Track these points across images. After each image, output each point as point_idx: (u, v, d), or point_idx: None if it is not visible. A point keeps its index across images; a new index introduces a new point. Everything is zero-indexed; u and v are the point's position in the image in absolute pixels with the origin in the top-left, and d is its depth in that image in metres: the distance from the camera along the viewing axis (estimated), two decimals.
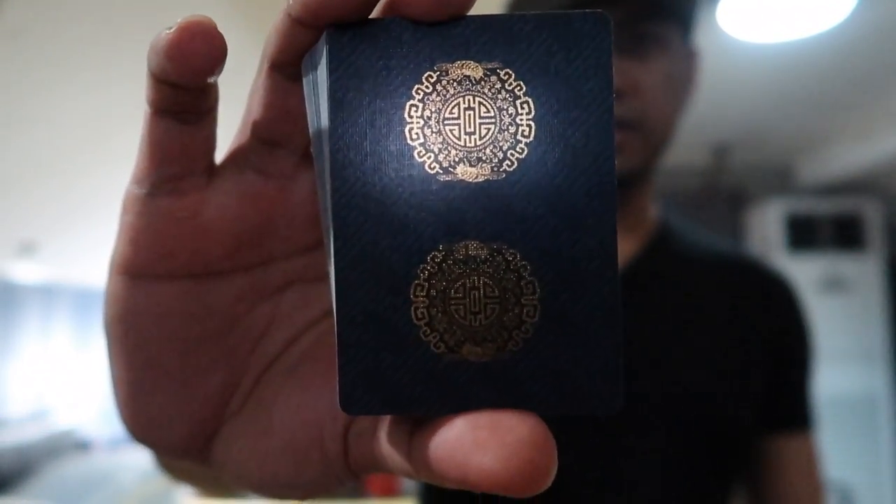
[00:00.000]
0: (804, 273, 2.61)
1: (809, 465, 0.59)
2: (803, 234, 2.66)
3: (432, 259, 0.13)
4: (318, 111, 0.14)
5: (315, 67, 0.14)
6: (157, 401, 0.17)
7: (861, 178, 2.64)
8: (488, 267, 0.13)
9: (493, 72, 0.13)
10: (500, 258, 0.13)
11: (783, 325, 0.59)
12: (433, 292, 0.13)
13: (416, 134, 0.13)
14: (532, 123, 0.13)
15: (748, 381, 0.56)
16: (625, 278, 0.56)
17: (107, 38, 1.66)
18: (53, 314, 5.08)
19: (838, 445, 2.51)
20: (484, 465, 0.12)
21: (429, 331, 0.13)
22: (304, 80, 0.15)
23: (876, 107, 2.22)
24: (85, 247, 3.86)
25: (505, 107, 0.13)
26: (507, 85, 0.13)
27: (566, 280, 0.13)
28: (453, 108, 0.13)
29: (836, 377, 2.56)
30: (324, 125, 0.13)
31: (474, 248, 0.13)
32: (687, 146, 2.59)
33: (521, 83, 0.13)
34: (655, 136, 0.52)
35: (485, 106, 0.13)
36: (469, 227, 0.13)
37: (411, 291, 0.13)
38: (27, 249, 3.70)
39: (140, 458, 3.46)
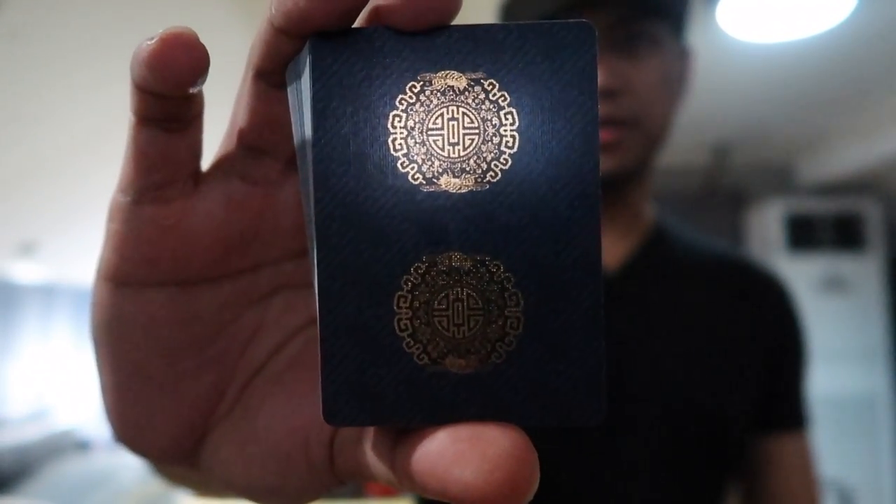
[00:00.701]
0: (804, 273, 2.61)
1: (805, 464, 0.59)
2: (803, 234, 2.65)
3: (416, 270, 0.13)
4: (302, 120, 0.14)
5: (299, 76, 0.14)
6: (143, 407, 0.17)
7: (861, 178, 2.63)
8: (472, 278, 0.13)
9: (477, 82, 0.13)
10: (483, 269, 0.13)
11: (778, 325, 0.60)
12: (416, 303, 0.13)
13: (400, 144, 0.13)
14: (516, 134, 0.13)
15: (743, 381, 0.56)
16: (620, 278, 0.56)
17: (106, 38, 1.66)
18: (53, 314, 5.08)
19: (838, 445, 2.51)
20: (465, 479, 0.12)
21: (412, 342, 0.13)
22: (289, 89, 0.15)
23: (876, 107, 2.22)
24: (85, 247, 3.86)
25: (489, 117, 0.13)
26: (490, 95, 0.13)
27: (549, 291, 0.13)
28: (437, 118, 0.13)
29: (836, 377, 2.56)
30: (307, 135, 0.13)
31: (458, 259, 0.13)
32: (687, 146, 2.59)
33: (506, 93, 0.13)
34: (650, 133, 0.53)
35: (468, 116, 0.13)
36: (453, 239, 0.13)
37: (395, 302, 0.13)
38: (27, 249, 3.71)
39: (140, 459, 3.45)
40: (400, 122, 0.13)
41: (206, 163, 0.17)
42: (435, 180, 0.13)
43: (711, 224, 2.84)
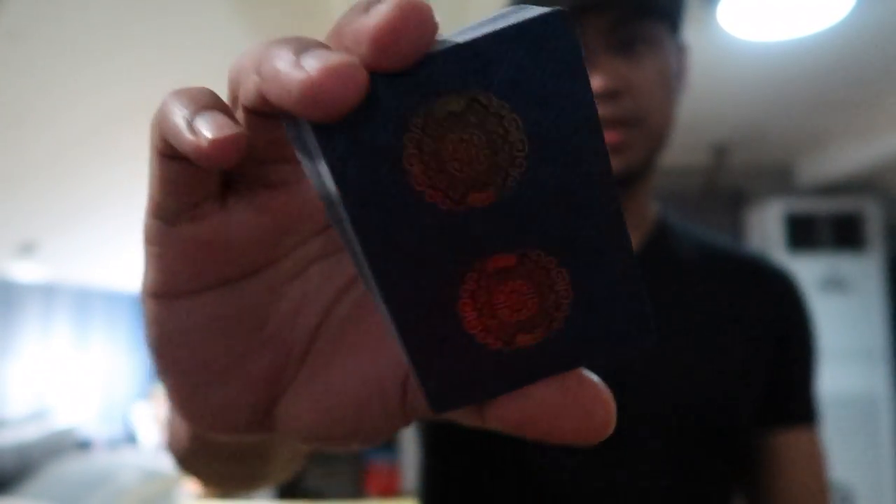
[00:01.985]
0: (804, 273, 2.62)
1: (813, 459, 0.59)
2: (803, 234, 2.66)
3: (469, 279, 0.14)
4: (321, 178, 0.14)
5: (304, 144, 0.14)
6: (214, 397, 0.19)
7: (861, 178, 2.64)
8: (521, 272, 0.14)
9: (474, 100, 0.13)
10: (528, 260, 0.14)
11: (786, 319, 0.60)
12: (479, 304, 0.14)
13: (421, 180, 0.13)
14: (524, 137, 0.13)
15: (750, 375, 0.56)
16: None
17: (106, 38, 1.66)
18: (53, 314, 5.09)
19: (838, 445, 2.51)
20: (565, 424, 0.15)
21: (486, 335, 0.15)
22: (293, 143, 0.15)
23: (876, 107, 2.23)
24: (85, 247, 3.87)
25: (494, 129, 0.13)
26: (490, 109, 0.13)
27: (587, 257, 0.14)
28: (447, 144, 0.13)
29: (836, 376, 2.56)
30: (333, 195, 0.14)
31: (503, 259, 0.14)
32: (687, 146, 2.60)
33: (504, 102, 0.13)
34: (653, 132, 0.54)
35: (476, 134, 0.13)
36: (496, 244, 0.14)
37: (459, 309, 0.15)
38: (27, 249, 3.71)
39: (140, 458, 3.46)
40: (416, 159, 0.13)
41: None
42: (463, 201, 0.14)
43: (711, 224, 2.85)
